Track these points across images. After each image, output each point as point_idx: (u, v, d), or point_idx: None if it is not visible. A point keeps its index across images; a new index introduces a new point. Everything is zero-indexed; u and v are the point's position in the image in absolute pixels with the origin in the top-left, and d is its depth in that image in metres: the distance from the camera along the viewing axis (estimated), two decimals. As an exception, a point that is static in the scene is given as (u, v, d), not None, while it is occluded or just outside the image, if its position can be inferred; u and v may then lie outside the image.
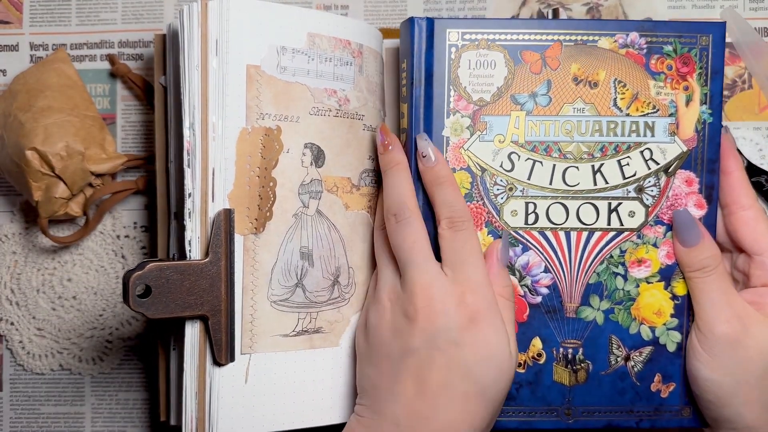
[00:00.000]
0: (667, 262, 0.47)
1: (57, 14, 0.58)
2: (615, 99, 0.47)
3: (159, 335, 0.52)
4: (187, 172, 0.44)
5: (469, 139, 0.47)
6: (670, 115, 0.47)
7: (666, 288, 0.47)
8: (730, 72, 0.56)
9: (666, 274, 0.47)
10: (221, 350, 0.44)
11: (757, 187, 0.54)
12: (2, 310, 0.57)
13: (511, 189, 0.47)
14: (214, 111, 0.44)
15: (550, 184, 0.47)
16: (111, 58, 0.57)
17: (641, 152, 0.47)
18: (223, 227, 0.43)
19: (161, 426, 0.57)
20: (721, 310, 0.45)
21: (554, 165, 0.47)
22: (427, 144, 0.46)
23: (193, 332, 0.44)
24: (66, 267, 0.57)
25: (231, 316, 0.44)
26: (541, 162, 0.47)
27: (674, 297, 0.47)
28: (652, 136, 0.47)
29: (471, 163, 0.47)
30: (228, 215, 0.44)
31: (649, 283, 0.47)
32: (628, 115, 0.47)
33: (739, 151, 0.54)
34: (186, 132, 0.44)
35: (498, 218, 0.47)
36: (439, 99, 0.47)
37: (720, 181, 0.47)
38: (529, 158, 0.47)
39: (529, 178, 0.47)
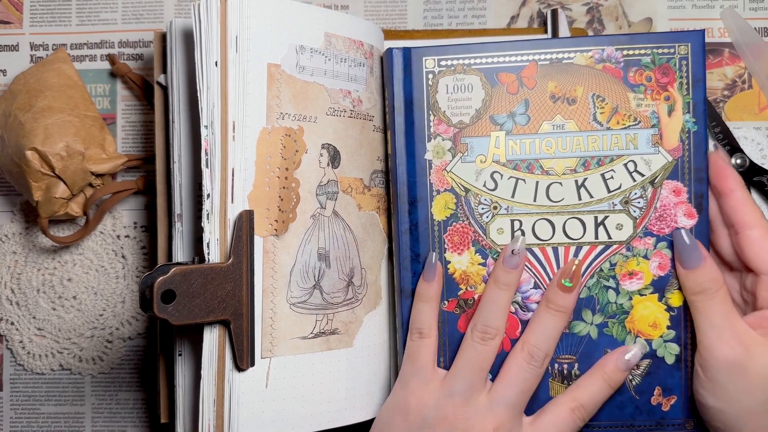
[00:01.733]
0: (660, 273, 0.47)
1: (57, 14, 0.58)
2: (594, 114, 0.47)
3: (158, 337, 0.51)
4: (206, 172, 0.43)
5: (451, 161, 0.47)
6: (653, 126, 0.47)
7: (660, 300, 0.47)
8: (730, 72, 0.56)
9: (659, 286, 0.47)
10: (243, 355, 0.43)
11: (759, 186, 0.54)
12: (2, 310, 0.57)
13: (495, 208, 0.47)
14: (234, 110, 0.43)
15: (534, 200, 0.47)
16: (111, 58, 0.57)
17: (625, 165, 0.47)
18: (245, 229, 0.43)
19: (161, 426, 0.56)
20: (723, 334, 0.43)
21: (537, 182, 0.47)
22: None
23: (211, 337, 0.43)
24: (66, 267, 0.57)
25: (252, 320, 0.43)
26: (524, 180, 0.47)
27: (669, 308, 0.47)
28: (635, 148, 0.47)
29: (454, 185, 0.47)
30: (249, 216, 0.43)
31: (642, 295, 0.47)
32: (608, 128, 0.47)
33: (741, 150, 0.54)
34: (204, 131, 0.43)
35: (485, 237, 0.47)
36: (419, 124, 0.47)
37: (722, 202, 0.46)
38: (511, 176, 0.47)
39: (512, 196, 0.47)
